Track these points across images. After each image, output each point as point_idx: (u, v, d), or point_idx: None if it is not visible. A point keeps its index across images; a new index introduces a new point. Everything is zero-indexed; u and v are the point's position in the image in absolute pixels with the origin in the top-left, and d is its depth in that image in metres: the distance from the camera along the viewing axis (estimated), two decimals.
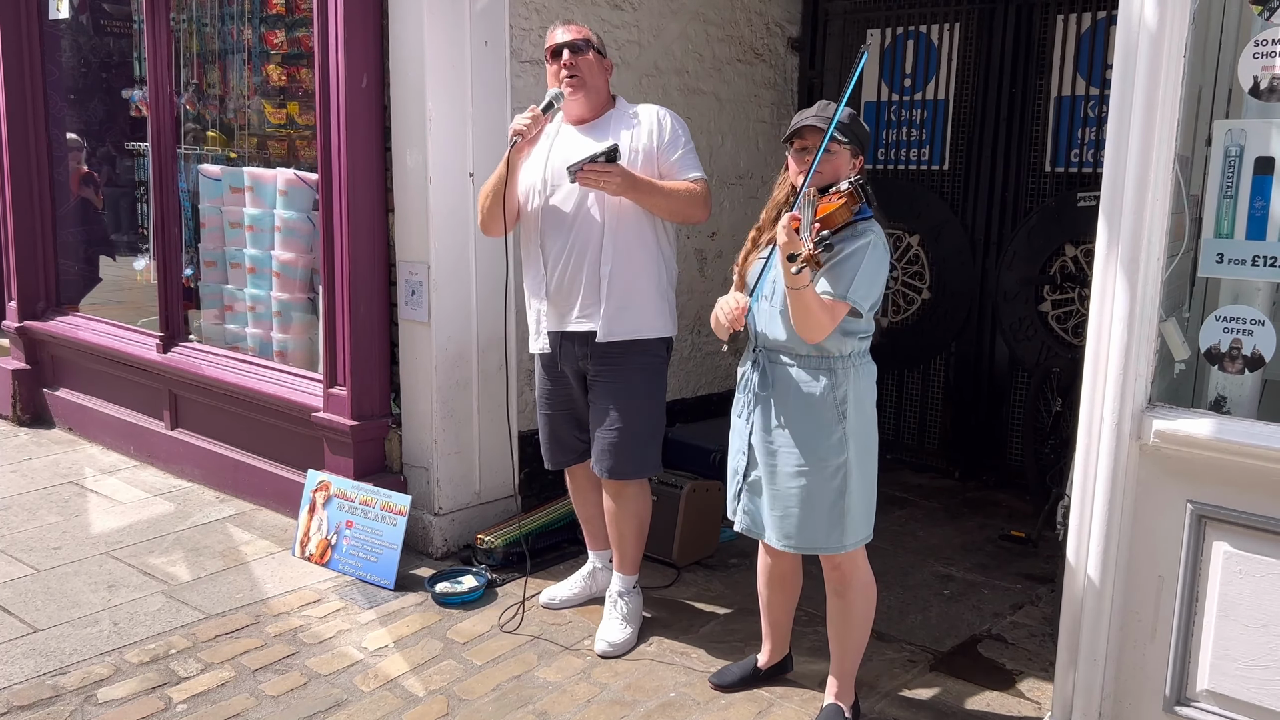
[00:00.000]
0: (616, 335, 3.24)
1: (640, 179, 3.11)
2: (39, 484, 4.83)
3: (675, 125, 3.27)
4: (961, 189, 5.12)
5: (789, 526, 2.78)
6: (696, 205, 3.21)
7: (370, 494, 3.94)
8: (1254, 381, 2.58)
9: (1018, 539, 4.35)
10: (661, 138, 3.23)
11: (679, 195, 3.17)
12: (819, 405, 2.71)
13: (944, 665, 3.33)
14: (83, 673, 3.18)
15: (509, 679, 3.19)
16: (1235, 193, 2.48)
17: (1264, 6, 2.38)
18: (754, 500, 2.86)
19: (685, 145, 3.26)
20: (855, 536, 2.77)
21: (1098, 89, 4.65)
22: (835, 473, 2.72)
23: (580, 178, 3.05)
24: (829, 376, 2.71)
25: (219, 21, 4.87)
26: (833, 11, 5.55)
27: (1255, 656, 2.48)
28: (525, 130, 3.20)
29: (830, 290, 2.60)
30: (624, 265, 3.22)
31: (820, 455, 2.72)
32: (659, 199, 3.15)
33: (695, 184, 3.20)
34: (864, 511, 2.79)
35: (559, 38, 3.27)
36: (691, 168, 3.23)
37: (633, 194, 3.10)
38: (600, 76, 3.29)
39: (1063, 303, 4.86)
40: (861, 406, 2.75)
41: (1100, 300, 2.59)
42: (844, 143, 2.69)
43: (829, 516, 2.74)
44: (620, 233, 3.21)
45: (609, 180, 3.04)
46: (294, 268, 4.61)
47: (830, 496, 2.73)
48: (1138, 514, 2.63)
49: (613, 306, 3.22)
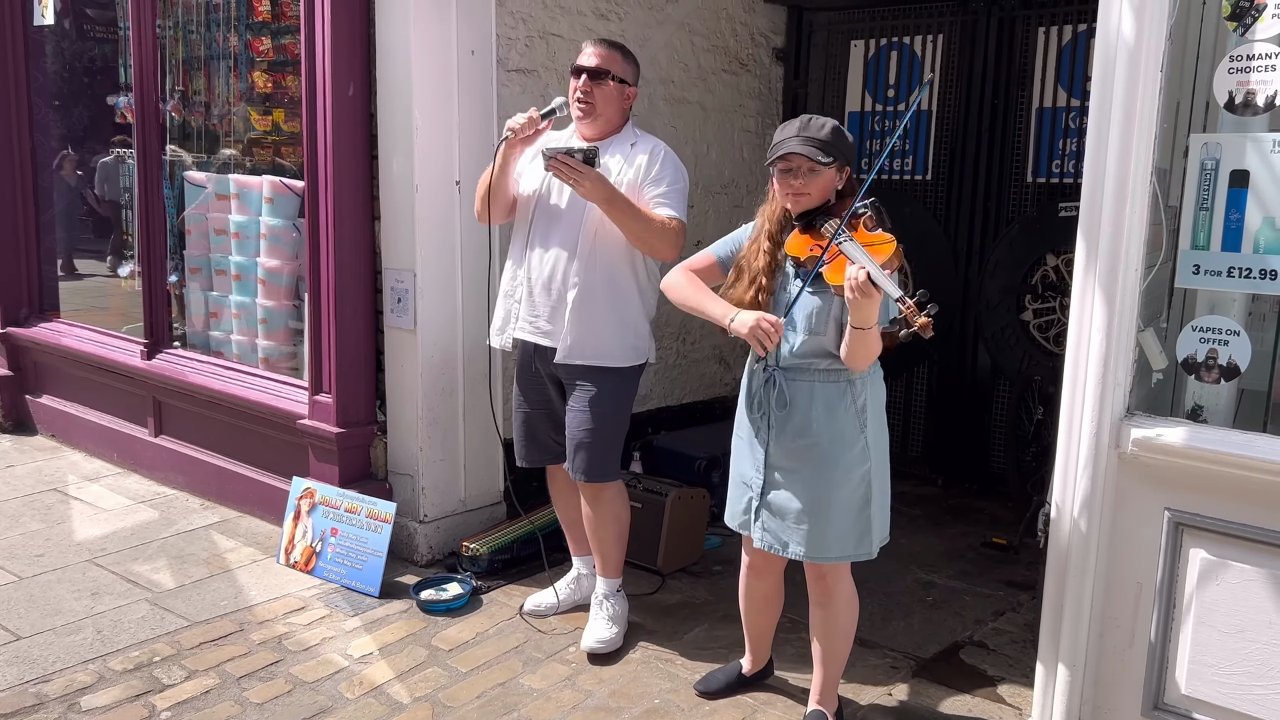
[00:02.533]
0: (574, 359, 3.26)
1: (616, 193, 3.10)
2: (22, 491, 4.81)
3: (667, 163, 3.24)
4: (944, 199, 5.16)
5: (823, 539, 2.74)
6: (666, 240, 3.17)
7: (355, 501, 3.94)
8: (1230, 391, 2.62)
9: (1000, 546, 4.38)
10: (649, 173, 3.22)
11: (650, 223, 3.14)
12: (843, 417, 2.72)
13: (926, 672, 3.36)
14: (66, 680, 3.17)
15: (494, 686, 3.20)
16: (1211, 205, 2.52)
17: (1239, 23, 2.42)
18: (775, 519, 2.80)
19: (671, 185, 3.22)
20: (879, 540, 2.82)
21: (1078, 100, 4.70)
22: (861, 482, 2.73)
23: (552, 166, 3.04)
24: (850, 388, 2.72)
25: (205, 28, 4.86)
26: (817, 23, 5.59)
27: (1231, 662, 2.52)
28: (517, 129, 3.21)
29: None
30: (591, 292, 3.21)
31: (846, 467, 2.72)
32: (630, 220, 3.12)
33: (669, 220, 3.17)
34: (882, 519, 2.82)
35: (583, 60, 3.25)
36: (670, 207, 3.18)
37: (604, 205, 3.09)
38: (614, 105, 3.27)
39: (1044, 312, 4.91)
40: (878, 414, 2.80)
41: (1079, 310, 2.63)
42: (828, 162, 2.66)
43: (857, 525, 2.75)
44: (594, 257, 3.21)
45: (579, 180, 3.03)
46: (279, 275, 4.62)
47: (857, 505, 2.74)
48: (1116, 521, 2.67)
49: (573, 332, 3.23)
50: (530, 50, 4.37)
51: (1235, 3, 2.43)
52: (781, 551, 2.81)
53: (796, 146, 2.65)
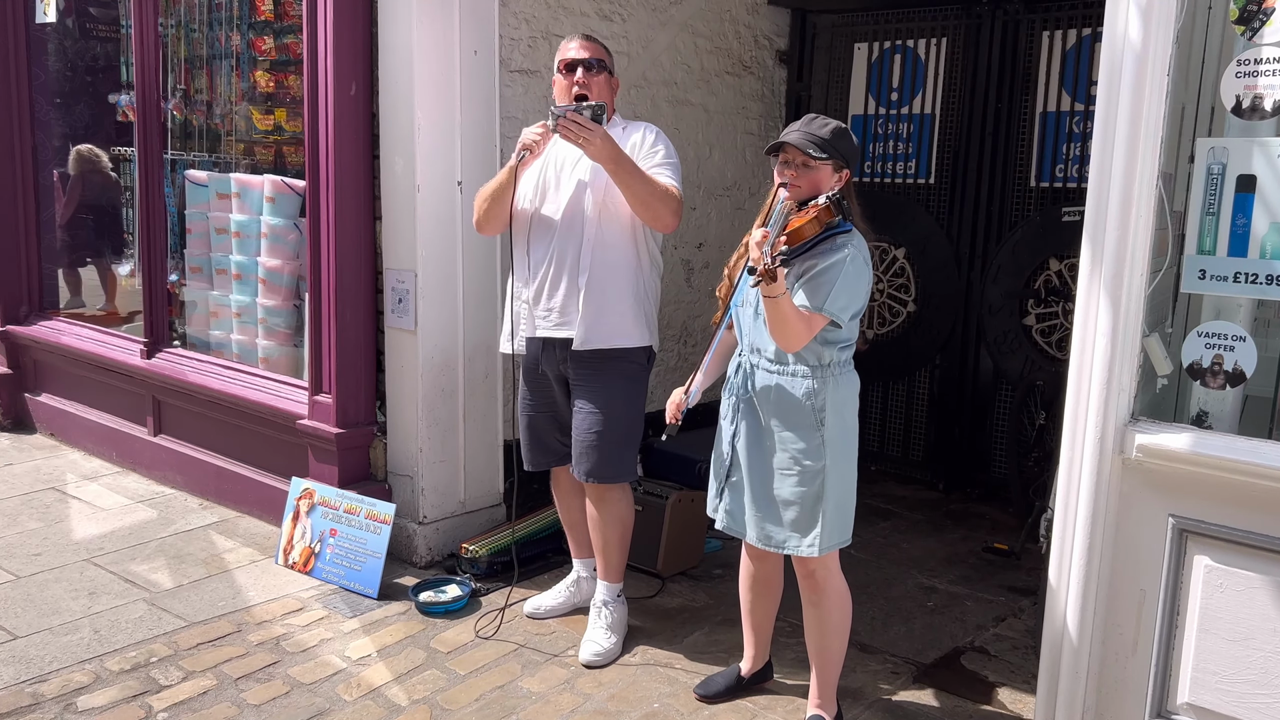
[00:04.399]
0: (592, 344, 3.26)
1: (622, 153, 3.09)
2: (20, 490, 4.80)
3: (659, 140, 3.29)
4: (947, 203, 5.15)
5: (766, 526, 2.83)
6: (668, 206, 3.17)
7: (354, 502, 3.93)
8: (1235, 397, 2.61)
9: (1001, 552, 4.37)
10: (643, 147, 3.25)
11: (654, 187, 3.14)
12: (797, 411, 2.75)
13: (927, 677, 3.34)
14: (63, 680, 3.15)
15: (492, 689, 3.18)
16: (1217, 210, 2.50)
17: (1247, 27, 2.41)
18: (735, 500, 2.91)
19: (665, 158, 3.26)
20: (829, 542, 2.79)
21: (1082, 105, 4.69)
22: (813, 478, 2.75)
23: (561, 125, 3.02)
24: (808, 384, 2.74)
25: (207, 27, 4.86)
26: (820, 25, 5.58)
27: (1235, 670, 2.50)
28: (534, 146, 3.21)
29: (807, 303, 2.64)
30: (602, 275, 3.23)
31: (797, 460, 2.76)
32: (635, 182, 3.11)
33: (670, 187, 3.20)
34: (839, 519, 2.81)
35: (573, 53, 3.26)
36: (667, 178, 3.22)
37: (611, 165, 3.07)
38: (609, 97, 3.30)
39: (1047, 316, 4.89)
40: (841, 415, 2.78)
41: (1084, 315, 2.61)
42: (822, 158, 2.69)
43: (804, 520, 2.77)
44: (601, 243, 3.23)
45: (589, 137, 3.01)
46: (280, 274, 4.60)
47: (807, 501, 2.76)
48: (1120, 527, 2.65)
49: (589, 315, 3.24)
50: (533, 51, 4.36)
51: (1243, 6, 2.41)
52: (741, 534, 2.91)
53: (794, 139, 2.70)
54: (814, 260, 2.67)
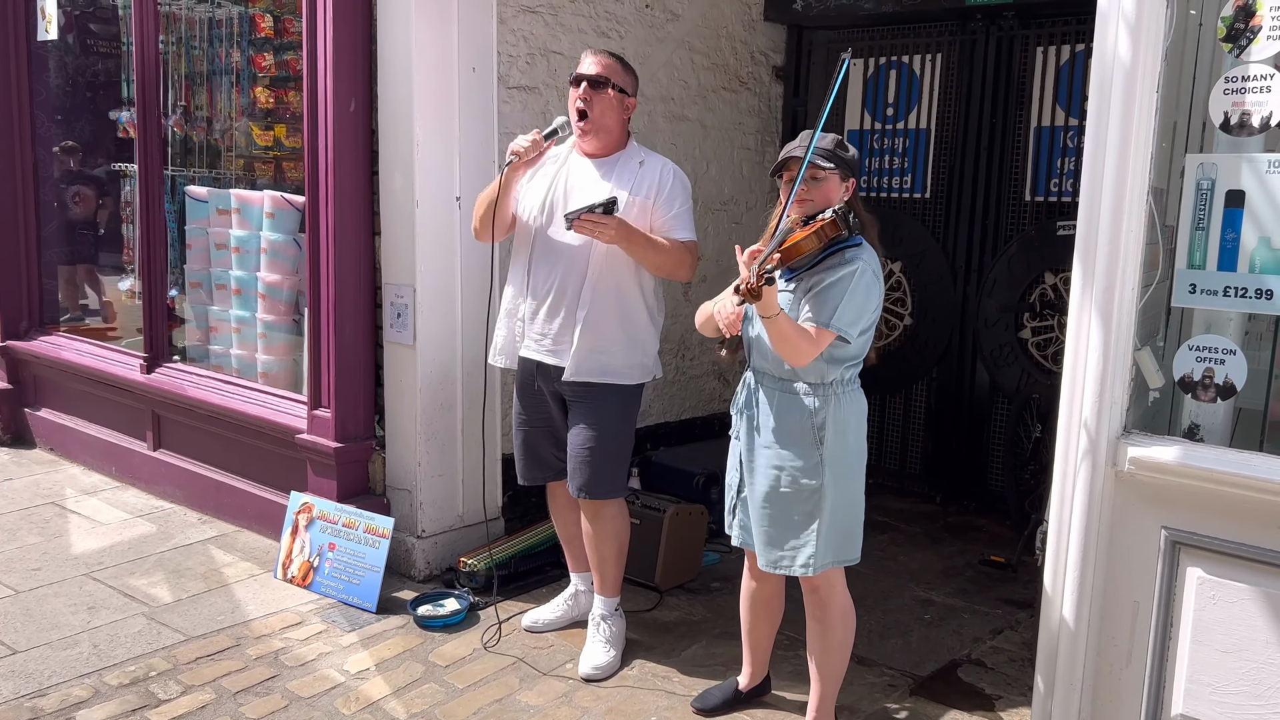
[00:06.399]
0: (582, 376, 3.28)
1: (635, 232, 3.15)
2: (19, 504, 4.81)
3: (677, 185, 3.31)
4: (943, 217, 5.18)
5: (766, 544, 2.83)
6: (684, 265, 3.27)
7: (353, 516, 3.94)
8: (1227, 410, 2.63)
9: (998, 564, 4.38)
10: (661, 194, 3.27)
11: (668, 253, 3.22)
12: (796, 429, 2.75)
13: (924, 690, 3.35)
14: (62, 695, 3.16)
15: (491, 702, 3.19)
16: (1207, 225, 2.53)
17: (1234, 44, 2.44)
18: (747, 515, 2.91)
19: (682, 206, 3.30)
20: (824, 561, 2.78)
21: (1077, 120, 4.72)
22: (809, 496, 2.74)
23: (577, 226, 3.09)
24: (809, 402, 2.74)
25: (207, 44, 4.89)
26: (816, 41, 5.62)
27: (1228, 681, 2.51)
28: (523, 152, 3.25)
29: (814, 318, 2.64)
30: (601, 312, 3.25)
31: (794, 477, 2.75)
32: (649, 253, 3.20)
33: (683, 244, 3.25)
34: (838, 539, 2.80)
35: (584, 68, 3.28)
36: (684, 229, 3.28)
37: (625, 244, 3.15)
38: (614, 116, 3.29)
39: (1042, 330, 4.92)
40: (843, 434, 2.76)
41: (1076, 329, 2.63)
42: (830, 168, 2.71)
43: (799, 538, 2.77)
44: (604, 279, 3.25)
45: (604, 231, 3.08)
46: (279, 289, 4.63)
47: (802, 520, 2.76)
48: (1113, 540, 2.67)
49: (582, 351, 3.25)
50: (531, 67, 4.39)
51: (1230, 24, 2.44)
52: (754, 548, 2.91)
53: (799, 153, 2.68)
54: (821, 275, 2.67)
